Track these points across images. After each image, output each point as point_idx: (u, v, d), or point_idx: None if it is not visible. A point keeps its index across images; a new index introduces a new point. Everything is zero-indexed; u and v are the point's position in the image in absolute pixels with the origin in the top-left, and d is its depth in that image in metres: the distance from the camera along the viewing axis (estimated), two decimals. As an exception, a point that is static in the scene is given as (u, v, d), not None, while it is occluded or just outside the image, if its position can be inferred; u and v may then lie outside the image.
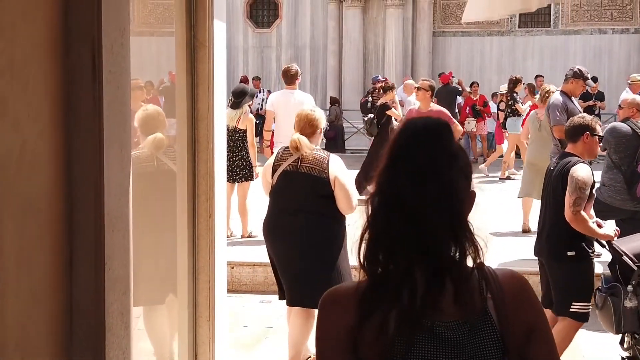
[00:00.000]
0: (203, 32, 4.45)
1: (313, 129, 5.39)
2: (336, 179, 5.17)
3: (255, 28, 24.27)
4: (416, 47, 22.72)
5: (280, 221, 5.43)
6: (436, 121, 1.89)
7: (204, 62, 4.50)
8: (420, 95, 9.46)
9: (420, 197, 1.78)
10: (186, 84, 4.49)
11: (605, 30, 22.46)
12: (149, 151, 4.72)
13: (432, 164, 1.81)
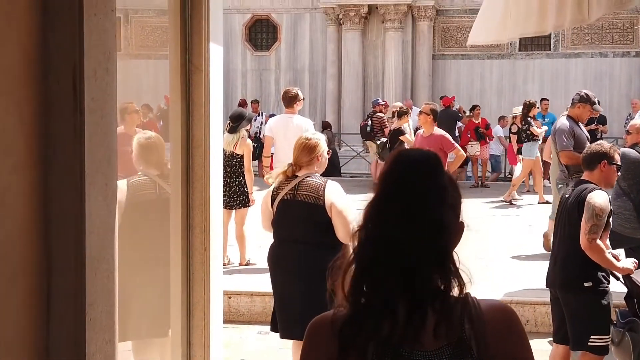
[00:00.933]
0: (198, 56, 4.24)
1: (311, 155, 5.15)
2: (332, 206, 4.93)
3: (254, 51, 24.15)
4: (416, 70, 22.57)
5: (280, 251, 5.23)
6: (426, 156, 1.91)
7: (199, 87, 4.29)
8: (422, 119, 9.26)
9: (407, 233, 1.81)
10: (180, 109, 4.27)
11: (606, 54, 22.33)
12: (150, 178, 4.51)
13: (421, 201, 1.84)
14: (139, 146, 4.61)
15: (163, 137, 4.74)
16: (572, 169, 8.19)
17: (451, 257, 1.86)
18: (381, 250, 1.83)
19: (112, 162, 2.52)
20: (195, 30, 4.20)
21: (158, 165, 4.60)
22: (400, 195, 1.85)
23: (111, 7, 2.48)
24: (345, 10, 21.85)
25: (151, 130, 5.27)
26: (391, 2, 21.52)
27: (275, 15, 23.84)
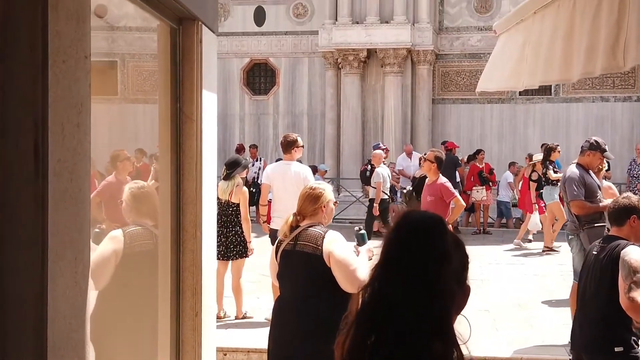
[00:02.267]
0: (190, 104, 3.91)
1: (315, 205, 4.84)
2: (331, 255, 4.61)
3: (252, 95, 23.95)
4: (415, 114, 22.34)
5: (281, 305, 4.92)
6: (429, 220, 1.93)
7: (190, 138, 3.95)
8: (426, 167, 8.93)
9: (409, 300, 1.83)
10: (170, 162, 3.93)
11: (607, 98, 22.13)
12: (145, 227, 4.15)
13: (423, 270, 1.85)
14: (132, 196, 4.26)
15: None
16: (584, 219, 7.86)
17: (451, 325, 1.86)
18: (380, 314, 1.85)
19: (84, 232, 2.16)
20: (186, 76, 3.87)
21: (152, 215, 4.26)
22: (401, 260, 1.87)
23: (84, 53, 2.15)
24: (344, 54, 21.70)
25: (145, 174, 4.98)
26: (390, 47, 21.36)
27: (274, 60, 23.70)
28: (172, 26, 3.80)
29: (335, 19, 22.00)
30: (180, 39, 3.85)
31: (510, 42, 4.25)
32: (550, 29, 3.25)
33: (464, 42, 22.71)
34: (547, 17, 3.38)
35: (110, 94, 3.79)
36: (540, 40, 3.48)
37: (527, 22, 3.86)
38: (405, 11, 21.49)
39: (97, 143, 4.25)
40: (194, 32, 3.86)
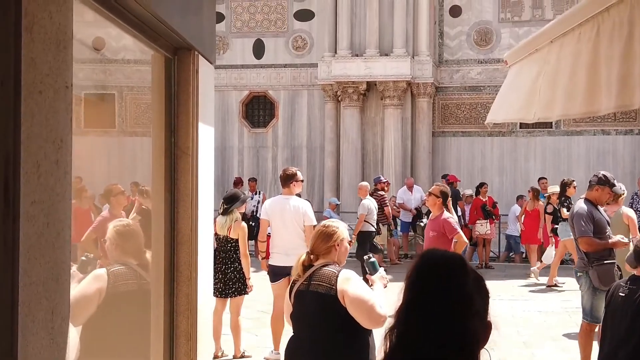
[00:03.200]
0: (185, 138, 3.70)
1: (328, 244, 4.65)
2: (345, 294, 4.40)
3: (251, 128, 23.80)
4: (416, 147, 22.17)
5: (293, 347, 4.72)
6: (450, 261, 1.95)
7: (186, 174, 3.73)
8: (431, 201, 8.71)
9: (432, 343, 1.84)
10: (164, 199, 3.70)
11: (609, 132, 21.98)
12: (130, 267, 3.91)
13: (445, 312, 1.85)
14: (116, 234, 4.02)
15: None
16: (593, 256, 7.63)
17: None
18: (409, 357, 1.86)
19: (63, 281, 1.93)
20: (181, 108, 3.66)
21: (136, 254, 4.03)
22: (425, 302, 1.88)
23: (65, 82, 1.93)
24: (343, 87, 21.58)
25: (141, 209, 4.76)
26: (390, 79, 21.25)
27: (273, 92, 23.59)
28: (167, 56, 3.59)
29: (334, 52, 21.93)
30: (175, 70, 3.65)
31: (522, 73, 4.05)
32: (571, 58, 3.05)
33: (464, 75, 22.62)
34: (566, 45, 3.18)
35: (108, 126, 3.59)
36: (557, 70, 3.27)
37: (542, 51, 3.66)
38: (405, 44, 21.42)
39: (95, 177, 4.05)
40: (190, 62, 3.66)
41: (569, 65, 3.09)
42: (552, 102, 3.34)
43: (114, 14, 2.80)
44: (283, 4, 23.45)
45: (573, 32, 3.09)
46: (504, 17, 22.41)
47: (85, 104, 3.23)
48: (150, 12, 3.00)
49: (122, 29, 3.05)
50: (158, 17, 3.07)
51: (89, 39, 3.12)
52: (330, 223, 4.82)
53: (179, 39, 3.48)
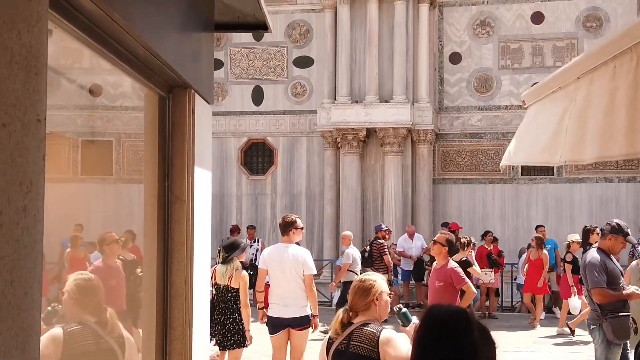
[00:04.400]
0: (180, 183, 3.41)
1: (366, 299, 4.39)
2: (386, 355, 4.20)
3: (250, 175, 23.56)
4: (416, 194, 21.91)
5: None
6: (455, 316, 2.02)
7: (180, 222, 3.44)
8: (436, 250, 8.41)
9: None
10: (157, 249, 3.40)
11: (611, 179, 21.75)
12: (88, 326, 3.57)
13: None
14: (76, 288, 3.68)
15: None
16: (606, 308, 7.31)
17: None
18: None
19: (31, 350, 1.63)
20: (176, 151, 3.38)
21: (97, 312, 3.69)
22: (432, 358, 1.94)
23: (37, 115, 1.65)
24: (343, 133, 21.41)
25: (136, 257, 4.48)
26: (390, 126, 21.07)
27: (272, 139, 23.41)
28: (161, 94, 3.33)
29: (334, 98, 21.82)
30: (169, 109, 3.38)
31: (544, 113, 3.77)
32: (605, 94, 2.78)
33: (464, 122, 22.48)
34: (598, 81, 2.91)
35: (105, 173, 3.32)
36: (588, 108, 2.99)
37: (567, 89, 3.39)
38: (405, 90, 21.31)
39: (90, 226, 3.75)
40: (186, 101, 3.39)
41: (603, 102, 2.81)
42: (583, 143, 3.06)
43: (103, 46, 2.54)
44: (282, 51, 23.40)
45: (606, 67, 2.82)
46: (504, 64, 22.33)
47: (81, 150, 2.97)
48: (143, 45, 2.74)
49: (112, 63, 2.78)
50: (152, 52, 2.80)
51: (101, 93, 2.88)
52: (367, 277, 4.57)
53: (175, 76, 3.21)
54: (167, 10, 3.01)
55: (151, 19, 2.74)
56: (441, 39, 22.63)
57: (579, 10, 21.85)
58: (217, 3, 3.87)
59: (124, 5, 2.43)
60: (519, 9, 22.20)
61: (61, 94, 2.43)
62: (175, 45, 3.15)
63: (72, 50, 2.51)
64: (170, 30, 3.05)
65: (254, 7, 3.85)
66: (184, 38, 3.32)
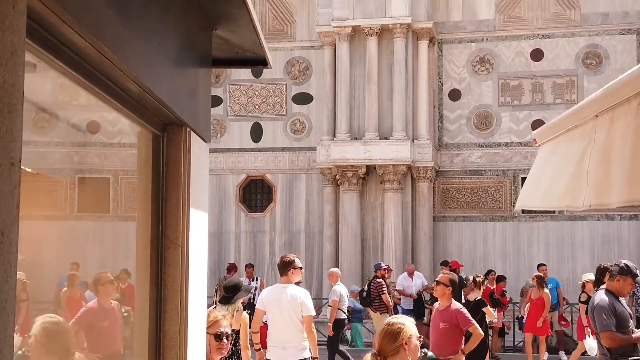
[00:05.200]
0: (175, 226, 3.22)
1: (395, 344, 4.19)
2: None
3: (248, 212, 23.37)
4: (416, 232, 21.71)
5: None
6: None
7: (175, 267, 3.24)
8: (439, 291, 8.19)
9: None
10: (149, 297, 3.21)
11: (613, 217, 21.56)
12: None
13: None
14: (43, 331, 3.46)
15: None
16: (616, 352, 7.08)
17: None
18: None
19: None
20: (171, 191, 3.20)
21: (64, 357, 3.47)
22: None
23: (10, 158, 1.47)
24: (342, 170, 21.28)
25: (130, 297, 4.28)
26: (390, 163, 20.96)
27: (271, 176, 23.27)
28: (155, 132, 3.16)
29: (333, 135, 21.73)
30: (164, 148, 3.20)
31: (559, 153, 3.59)
32: (629, 134, 2.61)
33: (465, 159, 22.36)
34: (620, 119, 2.73)
35: (103, 211, 3.15)
36: (610, 148, 2.82)
37: (583, 127, 3.22)
38: (405, 127, 21.23)
39: (88, 265, 3.56)
40: (181, 139, 3.22)
41: (629, 141, 2.64)
42: (608, 186, 2.87)
43: (92, 82, 2.38)
44: (281, 88, 23.36)
45: (628, 104, 2.66)
46: (503, 101, 22.28)
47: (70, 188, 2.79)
48: (134, 80, 2.58)
49: (100, 99, 2.61)
50: (144, 87, 2.64)
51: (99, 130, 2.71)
52: (395, 320, 4.35)
53: (169, 113, 3.04)
54: (161, 44, 2.85)
55: (143, 53, 2.58)
56: (440, 76, 22.61)
57: (579, 47, 21.85)
58: (214, 38, 3.72)
59: (114, 37, 2.27)
60: (518, 46, 22.20)
61: (42, 130, 2.27)
62: (169, 81, 2.99)
63: (59, 86, 2.35)
64: (164, 65, 2.89)
65: (253, 42, 3.71)
66: (179, 73, 3.16)
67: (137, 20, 2.45)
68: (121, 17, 2.26)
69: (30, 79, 1.70)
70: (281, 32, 23.28)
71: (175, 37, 3.03)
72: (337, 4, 21.74)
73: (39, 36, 1.92)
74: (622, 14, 21.66)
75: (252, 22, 3.27)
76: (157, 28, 2.72)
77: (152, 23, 2.65)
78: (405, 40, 21.38)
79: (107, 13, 2.13)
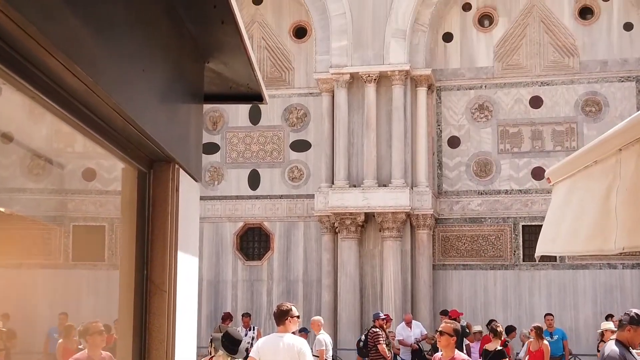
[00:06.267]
0: (161, 270, 2.97)
1: None
2: None
3: (246, 260, 23.05)
4: (416, 280, 21.40)
5: None
6: None
7: (160, 316, 2.98)
8: (444, 342, 7.84)
9: None
10: (132, 347, 2.94)
11: (615, 265, 21.25)
12: None
13: None
14: None
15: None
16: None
17: None
18: None
19: None
20: (157, 234, 2.96)
21: None
22: None
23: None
24: (341, 218, 21.03)
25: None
26: (389, 210, 20.74)
27: (268, 224, 23.01)
28: (141, 169, 2.92)
29: (331, 182, 21.55)
30: (150, 186, 2.97)
31: (579, 192, 3.32)
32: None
33: (464, 207, 22.15)
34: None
35: (97, 259, 2.92)
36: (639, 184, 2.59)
37: (606, 162, 2.97)
38: (404, 174, 21.07)
39: (81, 314, 3.31)
40: (169, 176, 2.98)
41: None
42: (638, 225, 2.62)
43: (63, 107, 2.15)
44: (279, 135, 23.24)
45: (657, 136, 2.43)
46: (503, 148, 22.14)
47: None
48: (116, 110, 2.35)
49: (82, 133, 2.39)
50: (126, 117, 2.41)
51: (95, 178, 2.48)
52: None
53: (155, 147, 2.81)
54: (146, 71, 2.63)
55: (125, 78, 2.36)
56: (439, 123, 22.51)
57: (578, 94, 21.79)
58: (207, 72, 3.51)
59: (92, 62, 2.05)
60: (517, 93, 22.14)
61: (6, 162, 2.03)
62: (156, 113, 2.77)
63: (30, 114, 2.12)
64: (149, 94, 2.67)
65: (247, 76, 3.50)
66: (167, 105, 2.94)
67: (116, 41, 2.23)
68: (96, 34, 2.04)
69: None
70: (279, 79, 23.24)
71: (163, 65, 2.81)
72: (335, 51, 21.74)
73: (5, 57, 1.70)
74: (621, 61, 21.64)
75: (246, 52, 3.06)
76: (142, 53, 2.50)
77: (136, 47, 2.43)
78: (403, 87, 21.33)
79: (78, 27, 1.91)
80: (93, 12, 2.01)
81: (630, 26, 21.67)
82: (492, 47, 22.38)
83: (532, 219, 21.49)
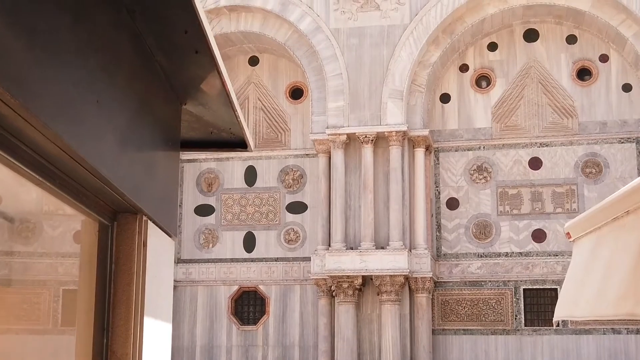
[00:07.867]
0: (124, 339, 2.57)
1: None
2: None
3: (240, 325, 22.51)
4: (415, 345, 20.85)
5: None
6: None
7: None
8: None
9: None
10: None
11: (620, 330, 20.73)
12: None
13: None
14: None
15: None
16: None
17: None
18: None
19: None
20: (120, 296, 2.56)
21: None
22: None
23: None
24: (338, 281, 20.57)
25: None
26: (387, 273, 20.30)
27: (264, 287, 22.53)
28: (102, 222, 2.54)
29: (328, 245, 21.16)
30: (113, 241, 2.58)
31: (606, 247, 2.94)
32: None
33: (464, 270, 21.70)
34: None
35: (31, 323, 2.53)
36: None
37: (636, 215, 2.60)
38: (402, 237, 20.70)
39: None
40: (135, 229, 2.60)
41: None
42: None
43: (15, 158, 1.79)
44: (275, 197, 22.92)
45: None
46: (502, 210, 21.79)
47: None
48: (70, 154, 1.99)
49: (29, 180, 2.02)
50: (78, 159, 2.04)
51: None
52: None
53: (118, 196, 2.43)
54: (111, 115, 2.27)
55: (73, 111, 1.99)
56: (438, 184, 22.21)
57: (577, 156, 21.54)
58: (184, 114, 3.15)
59: (39, 99, 1.69)
60: (516, 155, 21.88)
61: None
62: (118, 157, 2.40)
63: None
64: (108, 134, 2.30)
65: (229, 119, 3.14)
66: (132, 149, 2.57)
67: (58, 65, 1.87)
68: (29, 50, 1.68)
69: None
70: (275, 140, 23.04)
71: (124, 100, 2.44)
72: (332, 112, 21.56)
73: None
74: (620, 122, 21.46)
75: (225, 89, 2.70)
76: (96, 81, 2.13)
77: (87, 73, 2.07)
78: (401, 148, 21.09)
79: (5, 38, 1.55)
80: (24, 23, 1.66)
81: (629, 87, 21.55)
82: (490, 108, 22.22)
83: (534, 282, 21.07)
